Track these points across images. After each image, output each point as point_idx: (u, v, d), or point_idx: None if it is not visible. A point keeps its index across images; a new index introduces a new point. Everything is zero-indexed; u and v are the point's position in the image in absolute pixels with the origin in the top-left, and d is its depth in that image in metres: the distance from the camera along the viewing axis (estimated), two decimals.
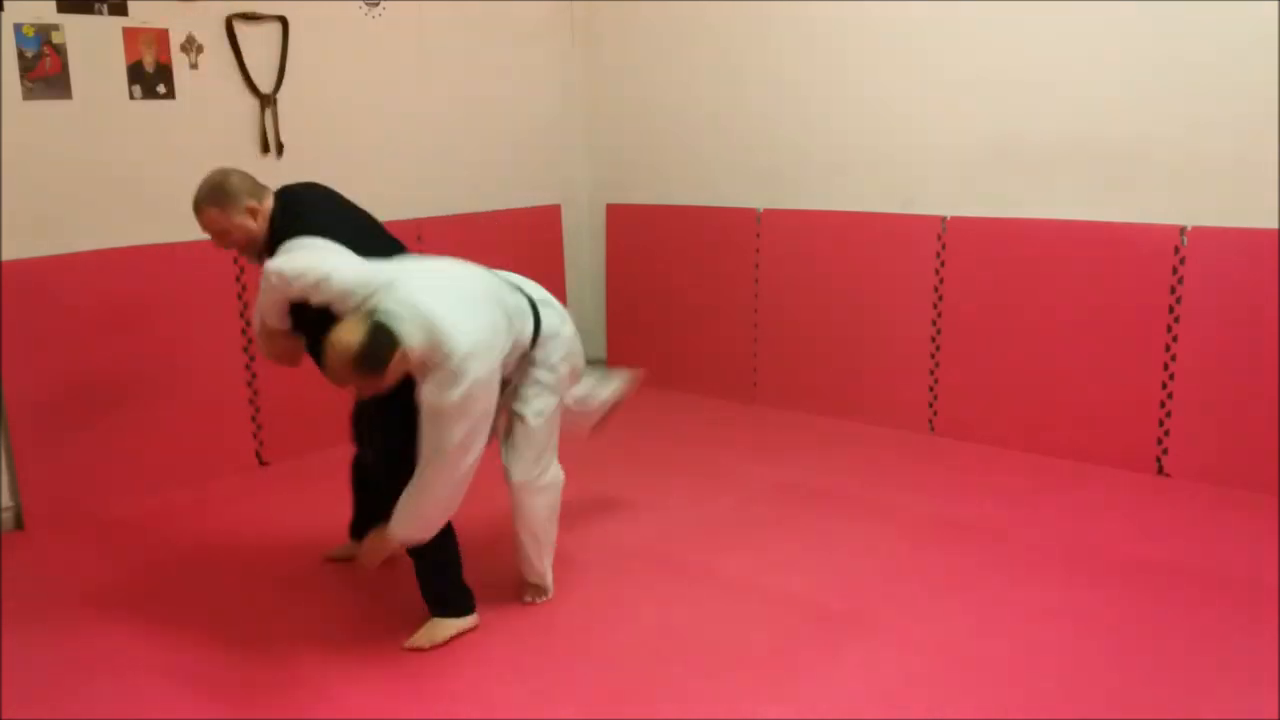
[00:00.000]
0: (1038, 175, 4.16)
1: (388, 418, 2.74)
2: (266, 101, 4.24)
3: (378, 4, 4.59)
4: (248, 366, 4.24)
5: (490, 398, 2.63)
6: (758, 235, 4.95)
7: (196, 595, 3.16)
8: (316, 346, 2.70)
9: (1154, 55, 3.82)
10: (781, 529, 3.56)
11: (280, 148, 4.30)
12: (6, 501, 3.69)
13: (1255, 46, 3.60)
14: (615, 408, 3.59)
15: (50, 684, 2.67)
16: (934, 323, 4.45)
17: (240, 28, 4.12)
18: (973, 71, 4.25)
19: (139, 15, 3.83)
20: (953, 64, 4.30)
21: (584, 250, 5.68)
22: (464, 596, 2.90)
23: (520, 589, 3.07)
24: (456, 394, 2.51)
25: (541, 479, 2.94)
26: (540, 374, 2.91)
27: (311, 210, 2.88)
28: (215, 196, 2.85)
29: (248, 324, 4.19)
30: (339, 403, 4.48)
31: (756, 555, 3.33)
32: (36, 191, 3.66)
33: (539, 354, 2.90)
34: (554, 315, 2.98)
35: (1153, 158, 3.88)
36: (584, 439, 3.53)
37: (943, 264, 4.39)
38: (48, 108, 3.66)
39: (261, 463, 4.31)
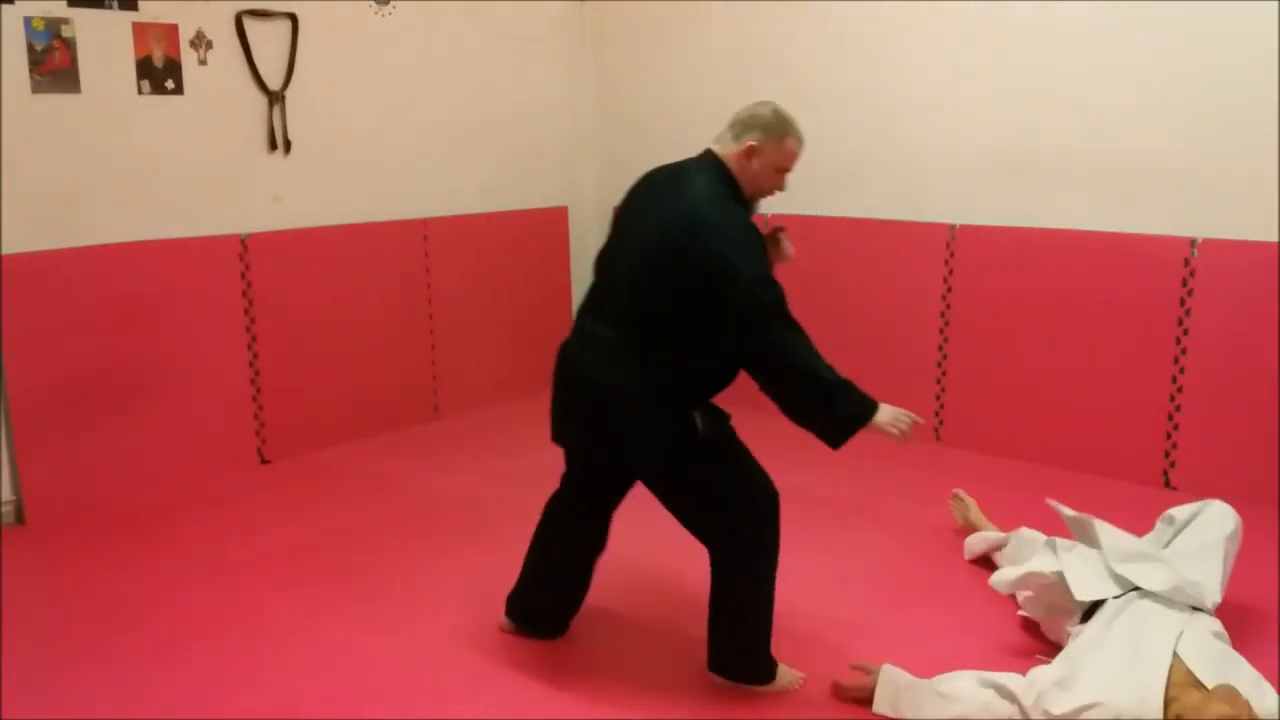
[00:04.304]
0: (1048, 185, 4.14)
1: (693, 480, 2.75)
2: (275, 98, 4.23)
3: (387, 3, 4.58)
4: (251, 364, 4.23)
5: None
6: None
7: (196, 593, 3.15)
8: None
9: (1166, 67, 3.81)
10: (784, 538, 3.51)
11: (288, 145, 4.29)
12: (8, 496, 3.68)
13: (1267, 59, 3.58)
14: None
15: (50, 681, 2.66)
16: (941, 331, 4.43)
17: (250, 24, 4.12)
18: (984, 81, 4.23)
19: (149, 10, 3.83)
20: (964, 73, 4.29)
21: (590, 253, 5.62)
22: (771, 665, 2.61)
23: None
24: None
25: None
26: None
27: None
28: None
29: (252, 321, 4.19)
30: (341, 402, 4.51)
31: None
32: (43, 185, 3.66)
33: None
34: None
35: (1163, 169, 3.87)
36: None
37: (951, 272, 4.38)
38: (56, 101, 3.66)
39: (263, 460, 4.30)
